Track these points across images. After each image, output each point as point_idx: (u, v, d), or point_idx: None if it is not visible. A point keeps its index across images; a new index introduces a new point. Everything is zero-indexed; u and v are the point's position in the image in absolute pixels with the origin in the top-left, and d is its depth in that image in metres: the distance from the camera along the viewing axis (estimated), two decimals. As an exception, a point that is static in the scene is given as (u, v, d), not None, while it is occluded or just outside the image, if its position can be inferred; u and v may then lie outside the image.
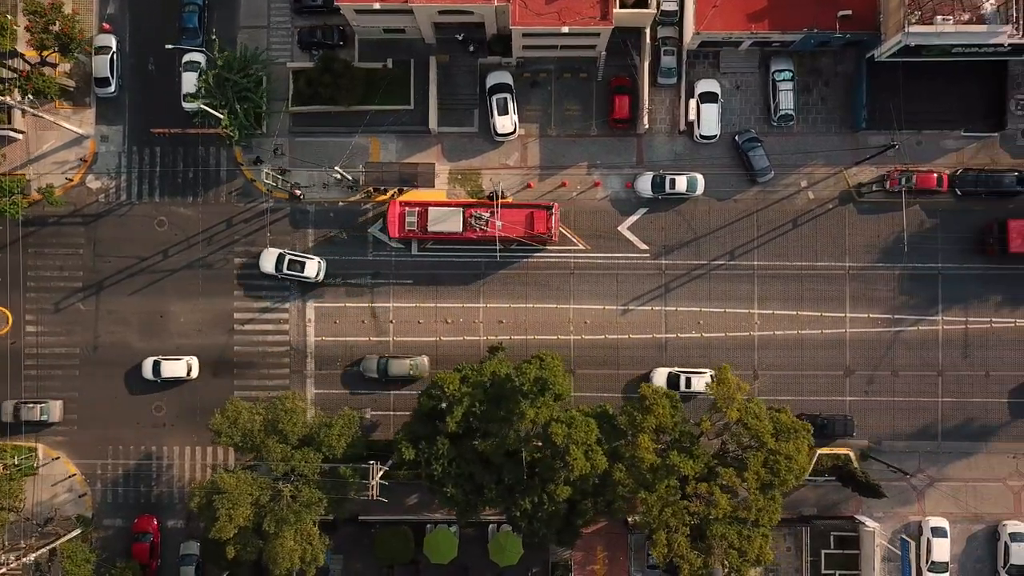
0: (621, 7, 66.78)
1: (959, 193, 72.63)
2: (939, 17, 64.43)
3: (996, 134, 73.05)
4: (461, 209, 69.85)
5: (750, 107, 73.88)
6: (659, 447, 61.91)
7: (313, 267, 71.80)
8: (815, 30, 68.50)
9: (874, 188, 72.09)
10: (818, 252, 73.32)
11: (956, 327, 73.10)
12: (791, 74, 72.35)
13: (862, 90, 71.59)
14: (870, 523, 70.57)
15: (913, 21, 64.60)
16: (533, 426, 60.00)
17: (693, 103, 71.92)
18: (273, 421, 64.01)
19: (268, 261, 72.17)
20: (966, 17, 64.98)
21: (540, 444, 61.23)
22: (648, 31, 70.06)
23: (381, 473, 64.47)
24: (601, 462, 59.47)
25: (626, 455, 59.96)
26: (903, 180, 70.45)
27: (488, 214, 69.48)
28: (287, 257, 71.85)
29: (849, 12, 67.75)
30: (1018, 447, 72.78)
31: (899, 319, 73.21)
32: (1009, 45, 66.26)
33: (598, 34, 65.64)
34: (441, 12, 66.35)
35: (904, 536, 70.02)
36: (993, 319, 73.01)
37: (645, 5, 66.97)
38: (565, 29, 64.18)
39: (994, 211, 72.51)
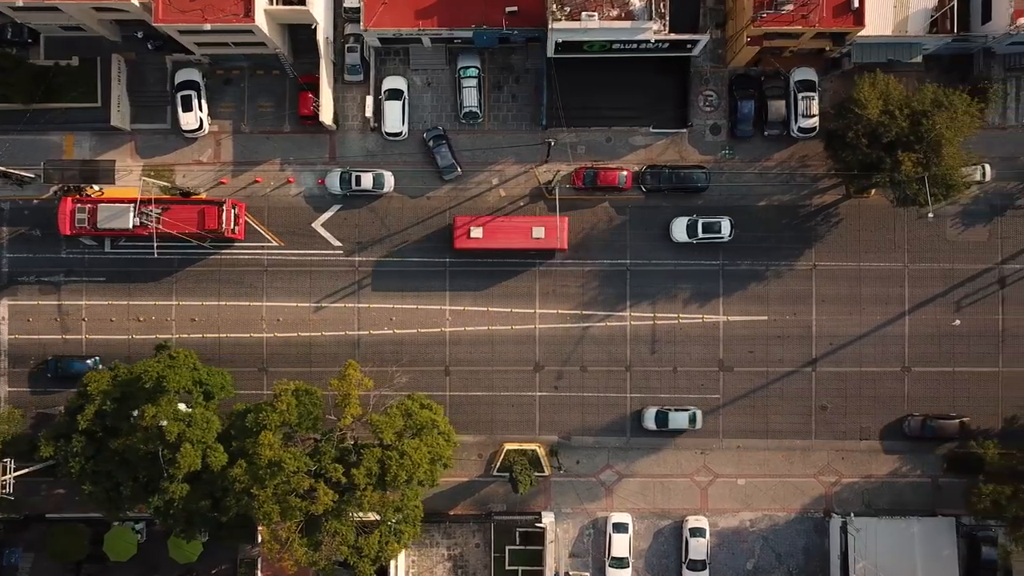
0: (284, 4, 66.85)
1: (644, 190, 72.82)
2: (585, 13, 64.54)
3: (684, 130, 73.21)
4: (131, 206, 69.61)
5: (441, 104, 73.90)
6: (305, 444, 62.12)
7: None
8: (484, 26, 68.48)
9: (558, 185, 71.79)
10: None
11: (644, 323, 73.28)
12: (477, 71, 72.36)
13: (543, 87, 71.63)
14: (545, 519, 70.76)
15: (560, 17, 64.73)
16: (154, 423, 59.92)
17: (371, 100, 71.96)
18: (-83, 420, 64.01)
19: None
20: (615, 13, 65.10)
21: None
22: (323, 27, 69.90)
23: (23, 472, 64.33)
24: (218, 460, 59.56)
25: (249, 451, 59.90)
26: (551, 183, 70.47)
27: (159, 210, 69.33)
28: None
29: (515, 8, 67.69)
30: (706, 443, 72.98)
31: (588, 315, 73.35)
32: (664, 42, 66.57)
33: (250, 31, 65.42)
34: (96, 9, 66.17)
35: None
36: (680, 315, 73.19)
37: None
38: (208, 27, 64.12)
39: (682, 207, 72.84)
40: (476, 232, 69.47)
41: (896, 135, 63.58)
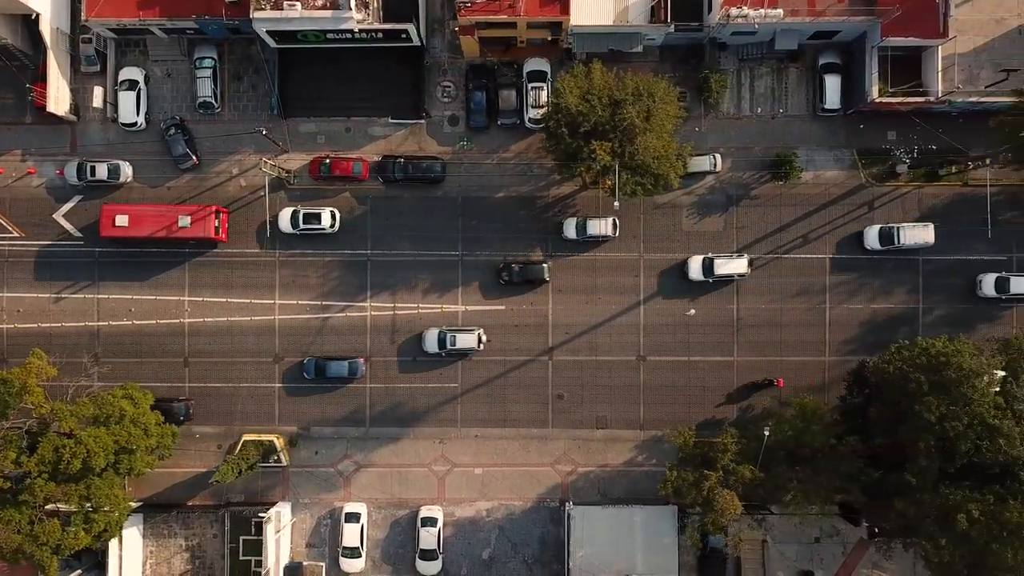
0: None
1: (382, 181, 72.94)
2: (287, 3, 64.64)
3: (422, 121, 73.34)
4: None
5: (181, 95, 73.94)
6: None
7: None
8: (206, 16, 68.54)
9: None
10: (249, 240, 73.38)
11: (384, 313, 73.38)
12: (213, 62, 72.43)
13: (274, 77, 71.72)
14: (277, 509, 70.70)
15: (265, 6, 64.82)
16: None
17: (99, 91, 72.00)
18: None
19: None
20: (319, 3, 65.22)
21: None
22: (49, 17, 69.77)
23: None
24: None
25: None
26: (267, 164, 70.44)
27: None
28: None
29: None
30: (444, 432, 73.10)
31: (328, 305, 73.43)
32: (377, 32, 66.76)
33: (-41, 20, 65.45)
34: None
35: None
36: (420, 304, 73.32)
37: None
38: (-97, 14, 64.16)
39: (422, 198, 72.99)
40: (121, 220, 69.65)
41: (595, 124, 63.73)
